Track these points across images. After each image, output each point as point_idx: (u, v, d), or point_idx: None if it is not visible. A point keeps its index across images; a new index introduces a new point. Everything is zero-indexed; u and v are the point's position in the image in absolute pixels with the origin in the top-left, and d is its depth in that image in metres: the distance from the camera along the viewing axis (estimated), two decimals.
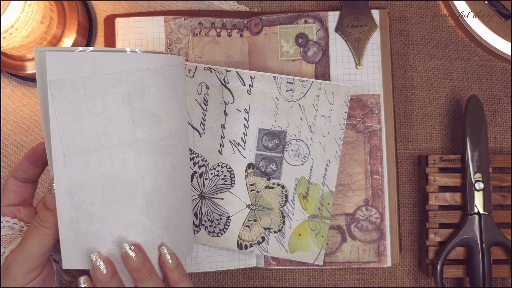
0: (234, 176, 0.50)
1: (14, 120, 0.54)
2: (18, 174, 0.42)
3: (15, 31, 0.46)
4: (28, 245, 0.38)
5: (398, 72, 0.55)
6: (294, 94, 0.49)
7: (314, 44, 0.52)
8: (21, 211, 0.43)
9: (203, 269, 0.51)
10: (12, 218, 0.42)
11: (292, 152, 0.50)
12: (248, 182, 0.50)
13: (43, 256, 0.38)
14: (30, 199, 0.44)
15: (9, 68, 0.52)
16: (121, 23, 0.52)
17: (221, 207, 0.50)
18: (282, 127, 0.49)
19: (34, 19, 0.47)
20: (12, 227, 0.42)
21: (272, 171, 0.50)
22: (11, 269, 0.38)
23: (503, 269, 0.52)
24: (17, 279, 0.38)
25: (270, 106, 0.49)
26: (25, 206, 0.43)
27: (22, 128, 0.54)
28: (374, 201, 0.51)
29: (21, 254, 0.38)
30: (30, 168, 0.42)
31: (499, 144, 0.55)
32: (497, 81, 0.55)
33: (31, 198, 0.44)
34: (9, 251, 0.39)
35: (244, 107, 0.49)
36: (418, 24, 0.56)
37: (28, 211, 0.43)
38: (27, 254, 0.37)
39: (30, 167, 0.42)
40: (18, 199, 0.43)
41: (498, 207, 0.54)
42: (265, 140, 0.50)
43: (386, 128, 0.51)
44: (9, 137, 0.54)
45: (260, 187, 0.50)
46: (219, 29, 0.52)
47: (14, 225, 0.42)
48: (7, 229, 0.41)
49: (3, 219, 0.42)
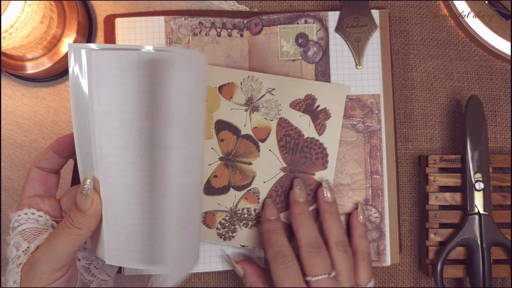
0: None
1: (14, 120, 0.54)
2: (42, 164, 0.42)
3: (15, 31, 0.46)
4: (57, 244, 0.37)
5: (398, 72, 0.55)
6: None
7: (314, 44, 0.52)
8: (46, 203, 0.42)
9: (203, 269, 0.51)
10: (37, 210, 0.41)
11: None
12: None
13: (71, 255, 0.38)
14: (54, 189, 0.44)
15: (9, 68, 0.52)
16: (121, 23, 0.52)
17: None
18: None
19: (34, 19, 0.47)
20: (38, 220, 0.41)
21: None
22: (38, 267, 0.37)
23: (503, 269, 0.52)
24: (43, 277, 0.37)
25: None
26: (49, 198, 0.42)
27: (22, 128, 0.54)
28: (374, 201, 0.51)
29: (49, 252, 0.37)
30: (55, 158, 0.42)
31: (499, 144, 0.55)
32: (497, 81, 0.55)
33: (55, 188, 0.44)
34: (34, 247, 0.39)
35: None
36: (418, 24, 0.56)
37: (52, 203, 0.42)
38: (56, 252, 0.37)
39: (55, 157, 0.42)
40: (43, 189, 0.42)
41: (498, 207, 0.54)
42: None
43: (386, 128, 0.51)
44: (9, 137, 0.54)
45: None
46: (219, 29, 0.52)
47: (40, 218, 0.41)
48: (32, 221, 0.41)
49: (28, 211, 0.41)
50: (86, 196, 0.36)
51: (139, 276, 0.54)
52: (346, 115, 0.51)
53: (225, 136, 0.50)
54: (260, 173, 0.49)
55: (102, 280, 0.44)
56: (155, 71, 0.35)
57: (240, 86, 0.50)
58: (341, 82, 0.51)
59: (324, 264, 0.43)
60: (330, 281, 0.43)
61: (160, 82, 0.35)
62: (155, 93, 0.35)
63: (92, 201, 0.37)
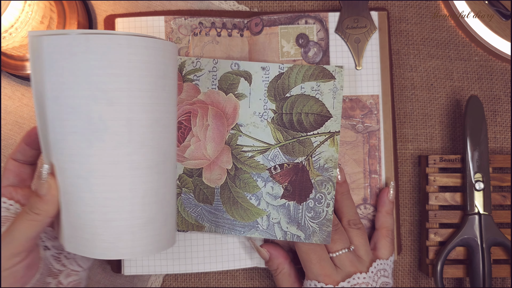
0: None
1: (14, 120, 0.54)
2: (17, 156, 0.43)
3: (15, 31, 0.46)
4: (15, 229, 0.37)
5: (398, 72, 0.55)
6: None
7: (314, 44, 0.52)
8: (18, 192, 0.43)
9: (203, 269, 0.51)
10: (8, 199, 0.42)
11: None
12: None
13: (29, 241, 0.38)
14: (28, 180, 0.44)
15: (9, 68, 0.52)
16: (121, 23, 0.52)
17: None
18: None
19: (34, 19, 0.47)
20: (8, 209, 0.42)
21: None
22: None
23: (503, 269, 0.52)
24: (1, 262, 0.37)
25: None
26: (22, 188, 0.43)
27: (22, 128, 0.54)
28: (372, 200, 0.51)
29: (8, 237, 0.37)
30: (27, 150, 0.43)
31: (499, 144, 0.55)
32: (497, 81, 0.55)
33: (30, 179, 0.44)
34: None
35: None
36: (418, 24, 0.56)
37: (25, 193, 0.43)
38: (13, 237, 0.37)
39: (27, 149, 0.43)
40: (16, 179, 0.43)
41: (498, 207, 0.54)
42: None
43: (384, 129, 0.51)
44: (9, 137, 0.55)
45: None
46: (219, 28, 0.52)
47: (10, 207, 0.42)
48: (3, 210, 0.41)
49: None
50: (42, 180, 0.37)
51: (139, 276, 0.54)
52: (346, 115, 0.51)
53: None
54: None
55: (73, 270, 0.44)
56: (105, 55, 0.35)
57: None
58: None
59: (342, 239, 0.47)
60: (351, 254, 0.47)
61: (110, 66, 0.35)
62: (104, 77, 0.35)
63: (49, 186, 0.37)
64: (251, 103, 0.50)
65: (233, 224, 0.49)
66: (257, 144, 0.50)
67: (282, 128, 0.49)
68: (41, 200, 0.37)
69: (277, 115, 0.49)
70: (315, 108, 0.49)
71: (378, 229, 0.49)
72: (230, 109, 0.50)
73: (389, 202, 0.50)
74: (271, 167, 0.49)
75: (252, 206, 0.49)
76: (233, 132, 0.50)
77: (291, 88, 0.49)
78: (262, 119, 0.49)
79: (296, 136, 0.49)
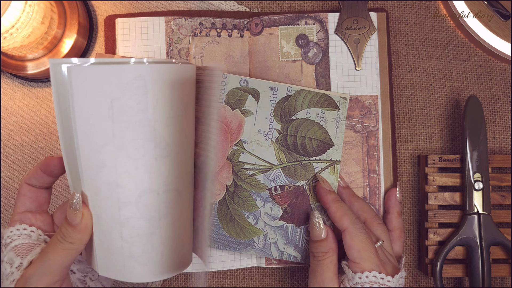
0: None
1: (15, 120, 0.55)
2: (32, 182, 0.42)
3: (16, 31, 0.46)
4: (50, 259, 0.37)
5: (397, 72, 0.55)
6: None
7: (314, 45, 0.52)
8: (38, 218, 0.42)
9: (203, 269, 0.51)
10: (29, 225, 0.41)
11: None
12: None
13: (64, 270, 0.38)
14: (45, 205, 0.43)
15: (9, 68, 0.52)
16: (122, 23, 0.52)
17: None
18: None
19: (34, 20, 0.47)
20: (30, 235, 0.41)
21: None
22: (31, 283, 0.37)
23: (503, 269, 0.52)
24: None
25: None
26: (41, 213, 0.43)
27: (23, 128, 0.55)
28: (371, 199, 0.51)
29: (42, 267, 0.37)
30: (44, 177, 0.42)
31: (499, 144, 0.55)
32: (496, 81, 0.55)
33: (47, 203, 0.44)
34: (27, 262, 0.38)
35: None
36: (418, 25, 0.56)
37: (44, 218, 0.43)
38: (49, 267, 0.37)
39: (44, 176, 0.42)
40: (34, 205, 0.42)
41: (498, 207, 0.54)
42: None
43: (383, 129, 0.51)
44: (9, 137, 0.55)
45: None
46: (219, 29, 0.52)
47: (32, 233, 0.41)
48: (24, 237, 0.41)
49: (20, 227, 0.41)
50: (75, 210, 0.37)
51: None
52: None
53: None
54: None
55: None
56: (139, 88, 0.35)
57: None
58: (341, 83, 0.52)
59: (371, 235, 0.46)
60: (380, 250, 0.45)
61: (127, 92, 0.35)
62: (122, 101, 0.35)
63: (82, 215, 0.37)
64: (256, 121, 0.50)
65: (229, 241, 0.49)
66: (259, 163, 0.50)
67: (286, 149, 0.49)
68: (74, 229, 0.37)
69: (282, 136, 0.49)
70: (319, 135, 0.49)
71: (392, 231, 0.49)
72: (235, 125, 0.50)
73: (398, 203, 0.50)
74: (271, 187, 0.49)
75: (249, 225, 0.49)
76: (236, 148, 0.50)
77: (297, 111, 0.49)
78: (266, 138, 0.49)
79: (299, 159, 0.49)
